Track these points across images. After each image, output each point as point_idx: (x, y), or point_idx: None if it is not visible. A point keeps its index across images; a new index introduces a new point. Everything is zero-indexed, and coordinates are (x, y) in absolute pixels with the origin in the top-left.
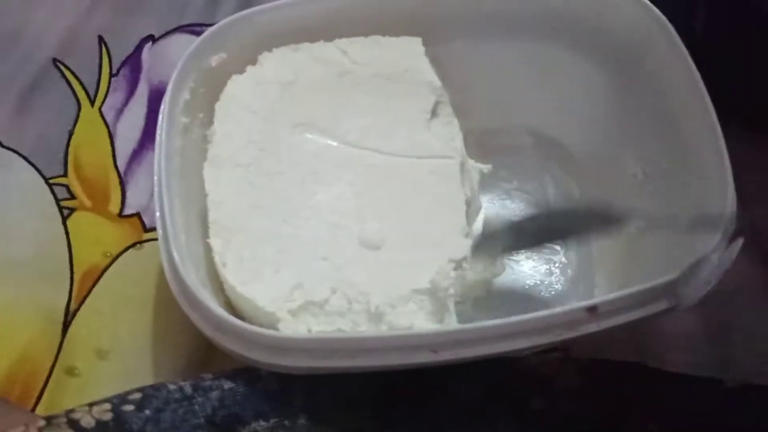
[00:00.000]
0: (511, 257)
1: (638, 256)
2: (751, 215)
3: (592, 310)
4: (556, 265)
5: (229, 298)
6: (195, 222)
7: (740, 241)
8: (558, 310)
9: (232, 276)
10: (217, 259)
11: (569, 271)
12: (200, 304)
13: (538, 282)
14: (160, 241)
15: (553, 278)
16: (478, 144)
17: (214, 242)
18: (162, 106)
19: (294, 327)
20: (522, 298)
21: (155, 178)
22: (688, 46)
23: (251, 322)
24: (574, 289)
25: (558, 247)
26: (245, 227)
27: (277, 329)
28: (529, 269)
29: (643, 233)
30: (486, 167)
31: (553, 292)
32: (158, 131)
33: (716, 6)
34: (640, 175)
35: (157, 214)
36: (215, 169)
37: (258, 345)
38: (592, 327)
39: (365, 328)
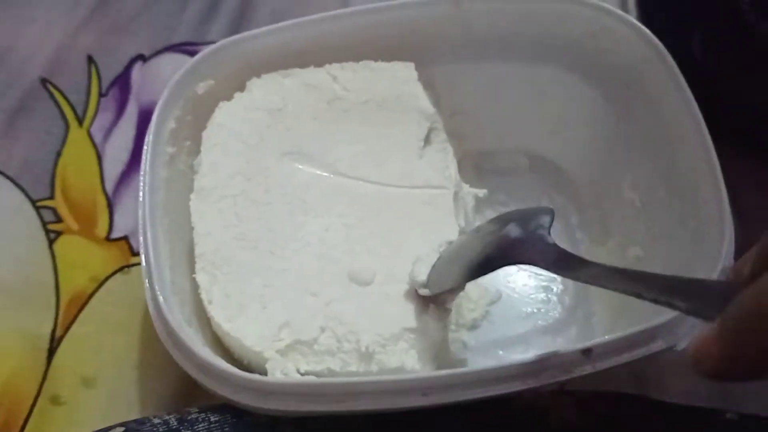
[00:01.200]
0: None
1: None
2: (748, 235)
3: (587, 352)
4: (553, 291)
5: (217, 333)
6: (181, 255)
7: None
8: (552, 353)
9: (218, 313)
10: (203, 295)
11: (566, 298)
12: (185, 346)
13: (535, 310)
14: (144, 278)
15: (550, 305)
16: (473, 166)
17: (201, 278)
18: (147, 137)
19: (282, 366)
20: (518, 325)
21: (140, 212)
22: (684, 68)
23: (239, 358)
24: (572, 315)
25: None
26: (232, 261)
27: (264, 368)
28: (525, 296)
29: (641, 261)
30: (481, 192)
31: (550, 320)
32: (143, 163)
33: (712, 28)
34: (637, 202)
35: (142, 250)
36: (202, 200)
37: (244, 388)
38: (587, 369)
39: (355, 368)
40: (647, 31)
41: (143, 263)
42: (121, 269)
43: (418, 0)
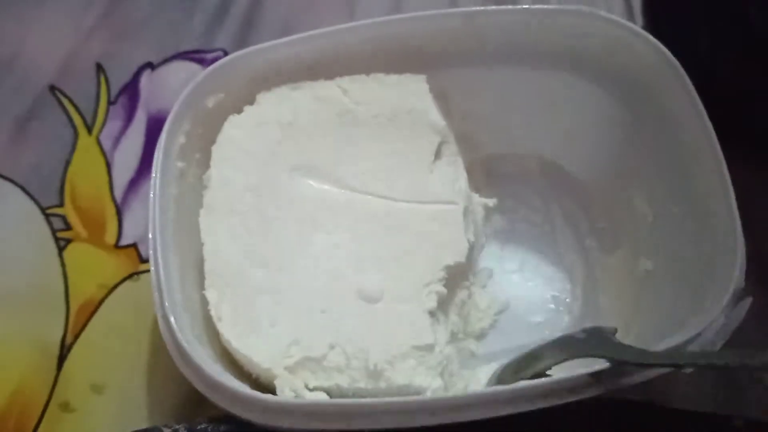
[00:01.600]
0: None
1: (646, 298)
2: (756, 240)
3: (595, 376)
4: (562, 301)
5: (226, 347)
6: (191, 270)
7: (748, 301)
8: (561, 377)
9: (227, 330)
10: (212, 312)
11: (575, 308)
12: (196, 365)
13: (543, 319)
14: (155, 297)
15: (558, 315)
16: (483, 171)
17: (210, 294)
18: (156, 154)
19: (291, 383)
20: (526, 334)
21: (150, 233)
22: (691, 73)
23: (248, 372)
24: (580, 325)
25: (565, 283)
26: (241, 278)
27: (273, 385)
28: (533, 305)
29: (651, 275)
30: (491, 201)
31: (558, 330)
32: (152, 182)
33: (720, 32)
34: (650, 216)
35: (152, 269)
36: (211, 217)
37: (254, 407)
38: (595, 391)
39: (363, 384)
40: (661, 45)
41: (154, 282)
42: (130, 276)
43: (429, 14)
